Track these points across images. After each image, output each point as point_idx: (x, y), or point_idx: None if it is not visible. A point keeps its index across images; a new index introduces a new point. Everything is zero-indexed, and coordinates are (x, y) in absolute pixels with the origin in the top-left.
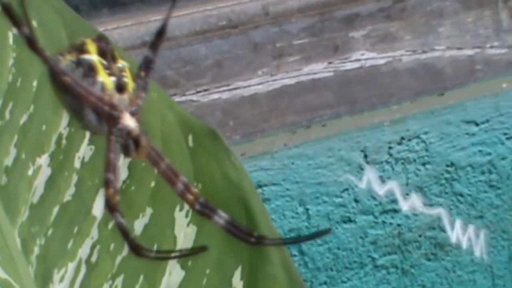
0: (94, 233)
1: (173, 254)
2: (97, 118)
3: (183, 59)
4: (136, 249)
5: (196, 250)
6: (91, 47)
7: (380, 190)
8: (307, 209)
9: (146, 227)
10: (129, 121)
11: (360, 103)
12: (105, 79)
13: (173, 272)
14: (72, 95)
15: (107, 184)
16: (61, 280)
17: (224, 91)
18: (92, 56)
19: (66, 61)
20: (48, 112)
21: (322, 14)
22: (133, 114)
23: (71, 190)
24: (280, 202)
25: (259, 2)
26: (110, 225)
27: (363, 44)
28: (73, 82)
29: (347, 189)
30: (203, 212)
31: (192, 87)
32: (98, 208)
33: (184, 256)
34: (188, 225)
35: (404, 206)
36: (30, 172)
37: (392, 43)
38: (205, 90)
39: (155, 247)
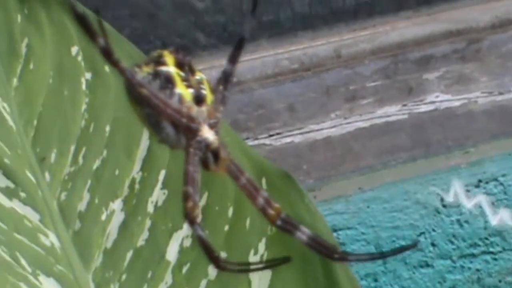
0: (168, 278)
1: (254, 266)
2: (175, 131)
3: (255, 102)
4: (216, 261)
5: (279, 262)
6: (169, 59)
7: (468, 203)
8: None
9: (221, 271)
10: (207, 134)
11: (435, 146)
12: (183, 91)
13: None
14: (149, 107)
15: (186, 197)
16: None
17: (296, 134)
18: (170, 68)
19: (143, 73)
20: (121, 156)
21: (395, 56)
22: (211, 126)
23: (145, 234)
24: (356, 246)
25: (331, 45)
26: (184, 269)
27: (438, 86)
28: (150, 94)
29: (423, 233)
30: (284, 228)
31: (264, 131)
32: (172, 252)
33: (266, 268)
34: None
35: (494, 220)
36: (103, 217)
37: (467, 85)
38: (277, 134)
39: None
